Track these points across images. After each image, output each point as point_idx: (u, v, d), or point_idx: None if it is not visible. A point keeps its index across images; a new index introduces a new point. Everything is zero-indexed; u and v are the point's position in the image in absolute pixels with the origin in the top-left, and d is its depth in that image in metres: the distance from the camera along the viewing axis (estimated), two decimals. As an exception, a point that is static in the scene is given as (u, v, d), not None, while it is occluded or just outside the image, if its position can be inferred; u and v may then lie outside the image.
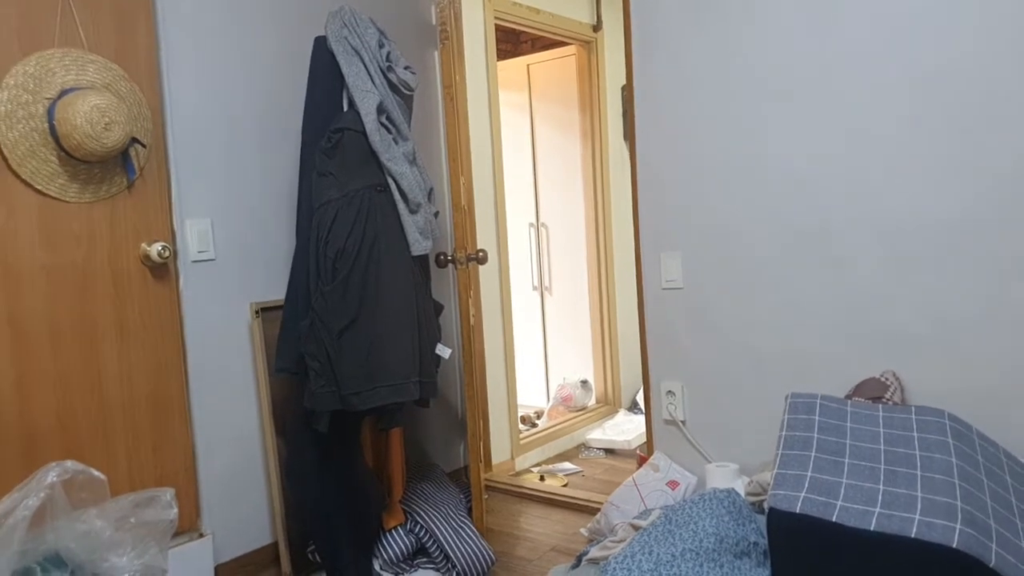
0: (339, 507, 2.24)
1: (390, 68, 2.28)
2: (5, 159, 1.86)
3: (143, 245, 2.11)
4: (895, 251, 2.05)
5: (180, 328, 2.20)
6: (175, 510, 1.71)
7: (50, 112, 1.90)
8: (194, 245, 2.21)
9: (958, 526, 1.30)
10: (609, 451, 3.58)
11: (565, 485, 3.11)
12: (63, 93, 1.92)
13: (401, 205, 2.22)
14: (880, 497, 1.41)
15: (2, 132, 1.85)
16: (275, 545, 2.38)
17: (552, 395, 4.04)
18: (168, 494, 1.72)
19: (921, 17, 1.96)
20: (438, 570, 2.32)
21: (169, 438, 2.17)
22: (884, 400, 1.94)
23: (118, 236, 2.07)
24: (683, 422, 2.48)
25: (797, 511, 1.41)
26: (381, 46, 2.29)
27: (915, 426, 1.61)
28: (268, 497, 2.39)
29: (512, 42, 4.50)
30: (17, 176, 1.88)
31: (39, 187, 1.91)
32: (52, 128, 1.90)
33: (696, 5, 2.32)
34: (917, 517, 1.34)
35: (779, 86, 2.19)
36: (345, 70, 2.20)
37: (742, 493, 2.09)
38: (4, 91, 1.85)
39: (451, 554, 2.28)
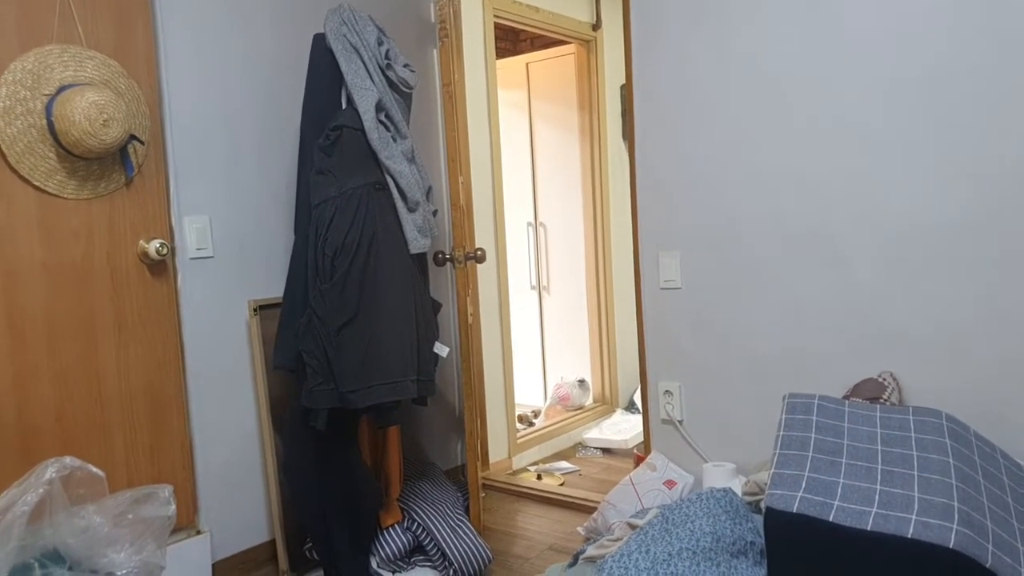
0: (336, 505, 2.24)
1: (389, 66, 2.28)
2: (3, 155, 1.86)
3: (141, 242, 2.11)
4: (894, 252, 2.05)
5: (178, 325, 2.19)
6: (173, 507, 1.71)
7: (48, 108, 1.90)
8: (192, 242, 2.21)
9: (955, 526, 1.31)
10: (606, 450, 3.58)
11: (562, 484, 3.12)
12: (61, 89, 1.92)
13: (399, 203, 2.22)
14: (877, 497, 1.42)
15: (0, 128, 1.84)
16: (272, 542, 2.38)
17: (550, 394, 4.05)
18: (166, 490, 1.72)
19: (923, 19, 1.96)
20: (435, 568, 2.32)
21: (167, 435, 2.16)
22: (882, 400, 1.94)
23: (116, 233, 2.06)
24: (680, 422, 2.49)
25: (794, 511, 1.41)
26: (380, 43, 2.28)
27: (912, 427, 1.62)
28: (266, 494, 2.39)
29: (511, 40, 4.49)
30: (15, 172, 1.88)
31: (37, 183, 1.91)
32: (50, 124, 1.90)
33: (696, 5, 2.32)
34: (914, 517, 1.35)
35: (779, 86, 2.19)
36: (344, 68, 2.19)
37: (739, 493, 2.09)
38: (2, 87, 1.85)
39: (448, 552, 2.28)
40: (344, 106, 2.23)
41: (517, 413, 3.59)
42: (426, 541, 2.32)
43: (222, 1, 2.29)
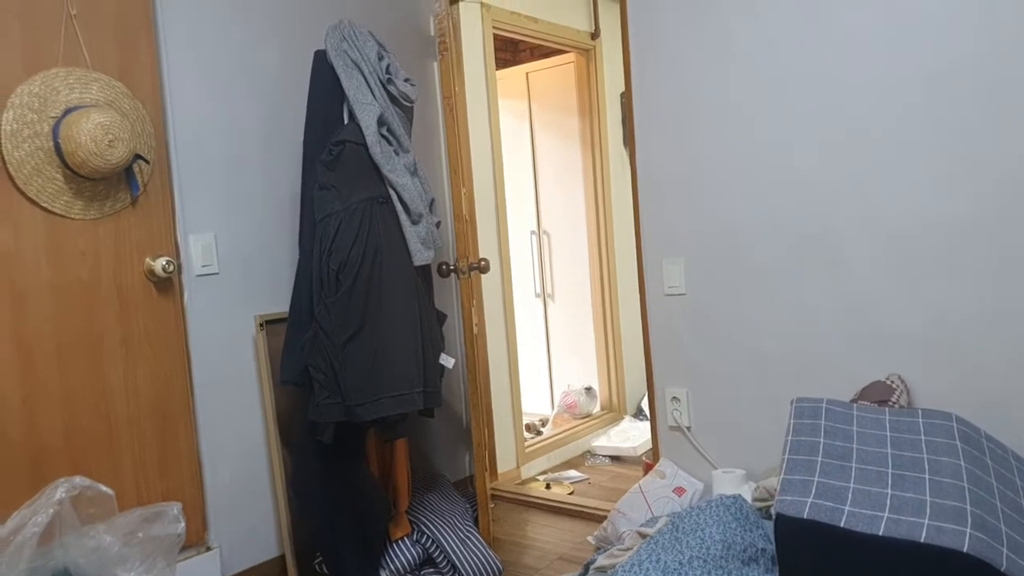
0: (345, 518, 2.24)
1: (390, 80, 2.29)
2: (11, 178, 1.87)
3: (147, 260, 2.12)
4: (898, 253, 2.05)
5: (185, 342, 2.20)
6: (182, 524, 1.72)
7: (55, 130, 1.91)
8: (198, 259, 2.22)
9: (968, 530, 1.30)
10: (615, 458, 3.57)
11: (571, 493, 3.11)
12: (67, 111, 1.93)
13: (403, 216, 2.23)
14: (888, 502, 1.41)
15: (8, 151, 1.86)
16: (282, 557, 2.38)
17: (557, 403, 4.04)
18: (175, 508, 1.73)
19: (924, 17, 1.96)
20: (446, 580, 2.31)
21: (175, 452, 2.17)
22: (890, 403, 1.93)
23: (123, 252, 2.08)
24: (688, 428, 2.48)
25: (805, 516, 1.40)
26: (381, 58, 2.30)
27: (922, 429, 1.61)
28: (275, 509, 2.39)
29: (511, 51, 4.51)
30: (23, 194, 1.90)
31: (45, 205, 1.93)
32: (57, 146, 1.91)
33: (694, 11, 2.33)
34: (926, 522, 1.34)
35: (779, 89, 2.19)
36: (345, 83, 2.21)
37: (749, 499, 2.09)
38: (9, 110, 1.86)
39: (458, 564, 2.27)
40: (346, 121, 2.25)
41: (524, 422, 3.58)
42: (436, 553, 2.32)
43: (224, 20, 2.31)
